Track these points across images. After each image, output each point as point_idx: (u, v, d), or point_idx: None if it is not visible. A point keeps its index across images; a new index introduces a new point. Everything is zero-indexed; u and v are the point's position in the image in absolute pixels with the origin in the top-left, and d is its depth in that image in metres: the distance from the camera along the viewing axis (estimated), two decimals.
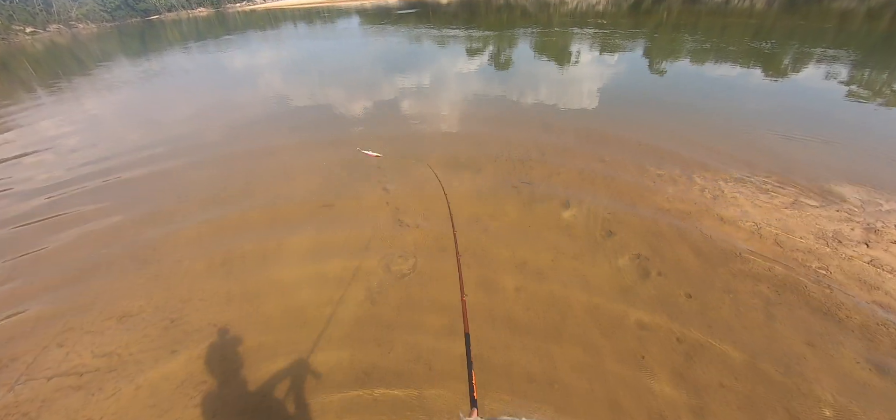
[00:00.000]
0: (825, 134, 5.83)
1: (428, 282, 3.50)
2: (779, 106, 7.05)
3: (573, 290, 3.28)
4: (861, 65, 9.93)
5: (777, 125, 6.19)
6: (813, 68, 9.45)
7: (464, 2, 46.12)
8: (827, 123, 6.20)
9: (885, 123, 6.24)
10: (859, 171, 4.79)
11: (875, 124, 6.20)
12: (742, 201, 4.28)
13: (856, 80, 8.78)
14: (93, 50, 31.64)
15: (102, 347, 3.26)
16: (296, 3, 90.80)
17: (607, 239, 3.83)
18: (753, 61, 10.47)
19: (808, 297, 3.11)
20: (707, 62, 10.76)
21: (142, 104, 11.07)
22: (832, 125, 6.13)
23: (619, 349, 2.80)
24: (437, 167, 5.49)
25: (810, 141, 5.62)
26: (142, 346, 3.23)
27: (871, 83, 8.50)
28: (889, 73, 9.19)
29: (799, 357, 2.67)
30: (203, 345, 3.14)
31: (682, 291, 3.21)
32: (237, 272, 3.89)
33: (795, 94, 7.64)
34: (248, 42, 24.71)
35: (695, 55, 11.80)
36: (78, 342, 3.33)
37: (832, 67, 9.47)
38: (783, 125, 6.18)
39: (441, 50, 15.76)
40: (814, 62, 9.98)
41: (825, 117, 6.45)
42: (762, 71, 9.56)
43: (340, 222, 4.47)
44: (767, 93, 7.85)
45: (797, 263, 3.42)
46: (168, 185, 5.80)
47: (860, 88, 8.11)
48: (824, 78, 8.70)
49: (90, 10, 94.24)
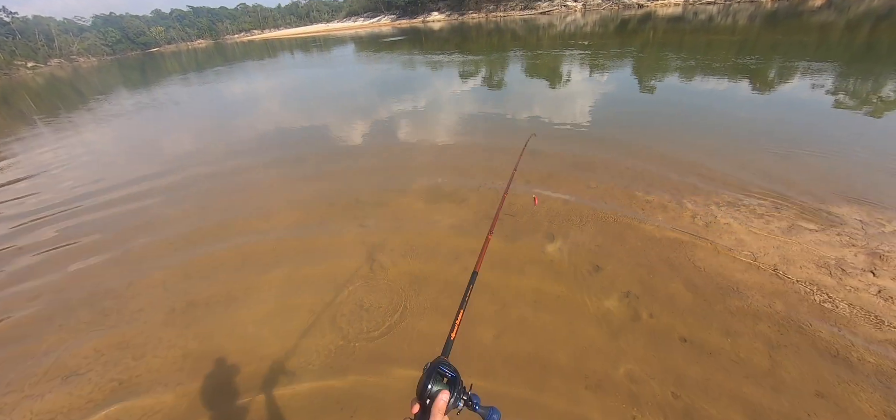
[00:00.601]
0: (816, 148, 5.65)
1: (402, 333, 3.21)
2: (767, 121, 6.90)
3: (557, 338, 3.00)
4: (845, 76, 9.89)
5: (767, 142, 6.02)
6: (799, 82, 9.39)
7: (455, 27, 47.06)
8: (817, 137, 6.04)
9: (876, 134, 6.08)
10: (856, 189, 4.58)
11: (866, 135, 6.04)
12: (736, 228, 4.03)
13: (842, 90, 8.69)
14: (92, 82, 31.92)
15: (41, 414, 2.95)
16: (292, 33, 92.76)
17: (594, 275, 3.57)
18: (739, 77, 10.43)
19: (815, 337, 2.83)
20: (693, 79, 10.71)
21: (126, 138, 10.94)
22: (823, 139, 5.96)
23: (608, 407, 2.50)
24: (419, 199, 5.27)
25: (802, 157, 5.43)
26: (83, 412, 2.92)
27: (857, 93, 8.41)
28: (873, 81, 9.13)
29: (810, 413, 2.38)
30: (147, 412, 2.83)
31: (677, 335, 2.93)
32: (198, 323, 3.60)
33: (783, 109, 7.52)
34: (243, 73, 24.90)
35: (681, 72, 11.78)
36: (15, 409, 3.02)
37: (818, 79, 9.41)
38: (773, 141, 6.01)
39: (432, 75, 15.82)
40: (799, 75, 9.93)
41: (815, 131, 6.29)
42: (748, 86, 9.49)
43: (314, 263, 4.20)
44: (755, 108, 7.73)
45: (799, 298, 3.15)
46: (141, 223, 5.55)
47: (847, 99, 8.01)
48: (811, 90, 8.62)
49: (91, 44, 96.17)
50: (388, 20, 77.95)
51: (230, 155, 8.01)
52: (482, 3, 61.80)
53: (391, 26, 68.51)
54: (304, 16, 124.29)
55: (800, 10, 32.29)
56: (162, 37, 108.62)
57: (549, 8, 54.87)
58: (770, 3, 40.01)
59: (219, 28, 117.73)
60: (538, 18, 48.56)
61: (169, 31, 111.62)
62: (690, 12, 38.23)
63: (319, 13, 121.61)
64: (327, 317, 3.43)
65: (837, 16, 25.94)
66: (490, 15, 60.41)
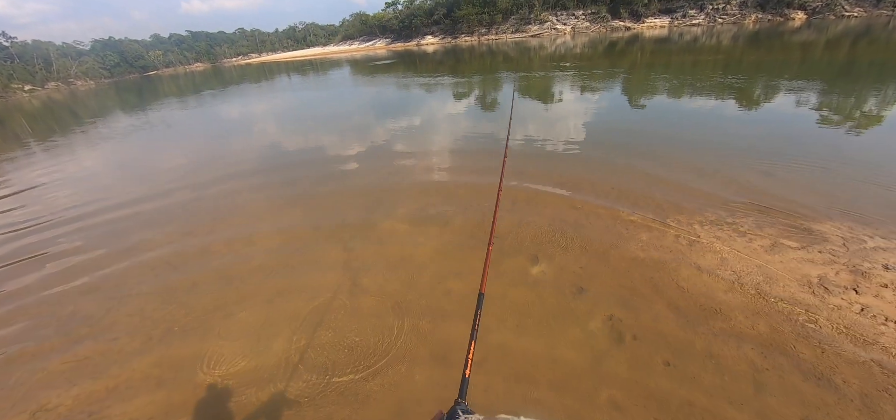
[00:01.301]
0: (797, 165, 5.73)
1: (387, 369, 3.14)
2: (750, 138, 7.01)
3: (540, 363, 2.93)
4: (826, 92, 10.12)
5: (750, 159, 6.10)
6: (781, 99, 9.59)
7: (449, 49, 47.98)
8: (798, 154, 6.12)
9: (856, 150, 6.19)
10: (838, 205, 4.61)
11: (846, 151, 6.14)
12: (719, 247, 4.03)
13: (824, 107, 8.88)
14: (88, 105, 31.97)
15: None
16: (289, 57, 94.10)
17: (578, 297, 3.53)
18: (723, 95, 10.64)
19: (799, 359, 2.79)
20: (679, 98, 10.92)
21: (113, 160, 10.89)
22: (803, 155, 6.05)
23: None
24: (404, 222, 5.24)
25: (784, 173, 5.49)
26: None
27: (838, 109, 8.60)
28: (855, 97, 9.35)
29: None
30: None
31: (660, 358, 2.88)
32: (175, 352, 3.50)
33: (765, 126, 7.65)
34: (237, 95, 25.09)
35: (666, 92, 12.01)
36: None
37: (800, 97, 9.62)
38: (756, 158, 6.09)
39: (426, 96, 16.01)
40: (782, 93, 10.15)
41: (796, 147, 6.38)
42: (732, 104, 9.68)
43: (296, 290, 4.13)
44: (738, 126, 7.86)
45: (783, 318, 3.12)
46: (123, 247, 5.46)
47: (829, 115, 8.17)
48: (793, 107, 8.80)
49: (89, 67, 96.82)
50: (383, 44, 79.37)
51: (217, 178, 7.97)
52: (474, 27, 63.20)
53: (386, 49, 69.74)
54: (300, 40, 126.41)
55: (780, 30, 33.37)
56: (160, 60, 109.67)
57: (540, 31, 56.19)
58: (752, 24, 41.36)
59: (216, 52, 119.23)
60: (529, 41, 49.66)
61: (167, 55, 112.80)
62: (676, 33, 39.34)
63: (316, 37, 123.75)
64: (308, 348, 3.35)
65: (817, 35, 26.80)
66: (482, 38, 61.73)
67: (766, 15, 43.37)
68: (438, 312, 3.52)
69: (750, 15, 44.21)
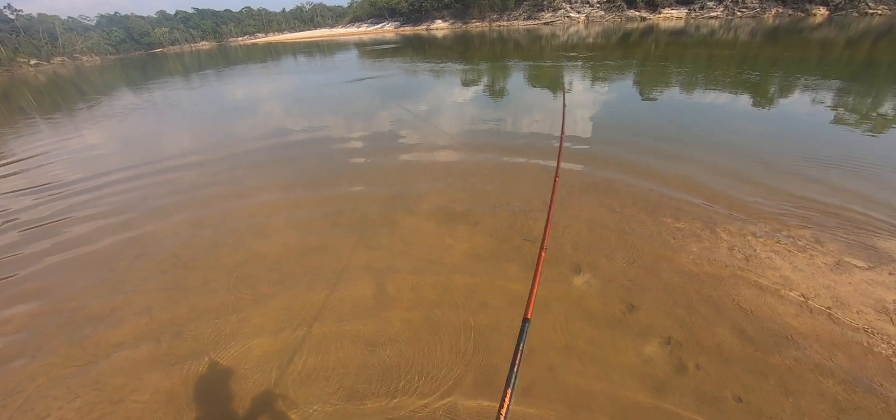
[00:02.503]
0: (848, 173, 5.33)
1: (415, 378, 2.86)
2: (790, 142, 6.60)
3: (593, 392, 2.64)
4: (863, 94, 9.62)
5: (793, 163, 5.72)
6: (817, 97, 9.11)
7: (459, 35, 47.03)
8: (847, 161, 5.71)
9: None
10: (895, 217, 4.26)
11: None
12: (779, 263, 3.70)
13: (860, 109, 8.43)
14: (94, 81, 31.61)
15: None
16: (296, 37, 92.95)
17: (629, 315, 3.22)
18: (751, 92, 10.17)
19: (888, 401, 2.49)
20: (703, 95, 10.44)
21: (116, 141, 10.58)
22: (853, 162, 5.65)
23: None
24: (429, 219, 4.93)
25: (834, 181, 5.11)
26: None
27: (882, 113, 8.13)
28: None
29: None
30: None
31: (730, 392, 2.58)
32: (185, 361, 3.23)
33: (806, 129, 7.22)
34: (245, 74, 24.65)
35: (689, 88, 11.53)
36: None
37: (833, 98, 9.14)
38: (801, 163, 5.70)
39: (436, 82, 15.56)
40: (820, 91, 9.66)
41: (842, 152, 5.97)
42: (761, 103, 9.22)
43: (316, 291, 3.84)
44: (772, 127, 7.44)
45: (863, 350, 2.80)
46: (128, 238, 5.19)
47: (870, 119, 7.72)
48: (828, 110, 8.34)
49: (95, 43, 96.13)
50: (392, 27, 78.08)
51: (226, 166, 7.66)
52: (486, 12, 61.93)
53: (394, 32, 68.62)
54: (307, 20, 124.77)
55: (801, 26, 32.33)
56: (166, 38, 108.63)
57: (553, 18, 54.96)
58: (771, 19, 40.17)
59: (223, 30, 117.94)
60: (541, 28, 48.60)
61: (173, 32, 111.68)
62: (692, 26, 38.27)
63: (323, 18, 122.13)
64: (332, 364, 3.07)
65: (839, 32, 25.91)
66: (494, 24, 60.53)
67: (786, 9, 42.13)
68: (477, 331, 3.22)
69: (770, 9, 42.96)
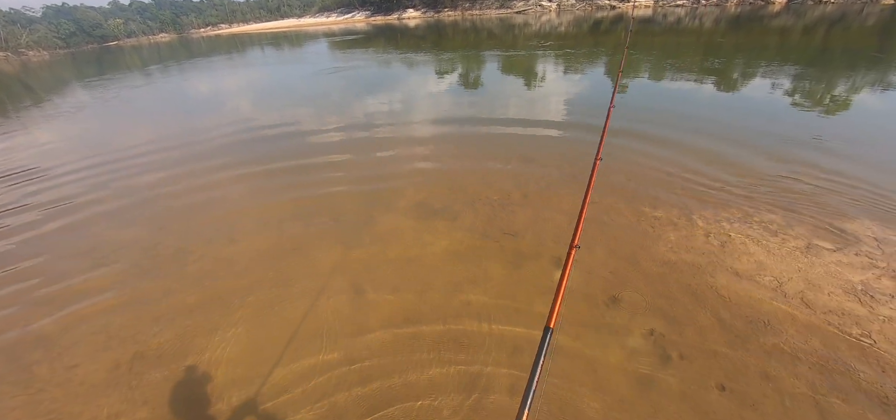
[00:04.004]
0: (815, 155, 5.53)
1: (392, 390, 2.74)
2: (756, 124, 6.80)
3: (583, 388, 2.60)
4: (820, 78, 10.08)
5: (761, 148, 5.88)
6: (780, 82, 9.47)
7: (432, 24, 46.47)
8: (814, 143, 5.94)
9: (869, 140, 6.03)
10: (862, 199, 4.43)
11: (861, 141, 6.00)
12: (753, 248, 3.78)
13: (819, 92, 8.83)
14: (43, 78, 29.30)
15: None
16: (262, 28, 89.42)
17: (612, 308, 3.21)
18: (719, 78, 10.47)
19: (859, 380, 2.56)
20: (675, 82, 10.67)
21: (70, 140, 9.82)
22: (820, 144, 5.87)
23: None
24: (407, 215, 4.78)
25: (799, 163, 5.29)
26: None
27: (822, 95, 8.54)
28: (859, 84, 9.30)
29: None
30: None
31: (714, 381, 2.59)
32: (147, 383, 2.98)
33: (766, 111, 7.48)
34: (209, 68, 23.45)
35: (660, 75, 11.77)
36: None
37: (797, 82, 9.54)
38: (766, 146, 5.88)
39: (410, 73, 15.26)
40: (780, 77, 10.04)
41: (808, 134, 6.20)
42: (730, 89, 9.50)
43: (288, 300, 3.64)
44: (740, 111, 7.66)
45: (835, 332, 2.88)
46: (84, 247, 4.79)
47: (832, 103, 8.09)
48: (790, 93, 8.68)
49: (42, 36, 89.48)
50: (363, 16, 76.21)
51: (190, 165, 7.22)
52: (458, 1, 61.40)
53: (365, 22, 67.06)
54: (274, 10, 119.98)
55: (761, 13, 33.70)
56: (121, 30, 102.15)
57: (525, 7, 55.08)
58: (734, 7, 41.65)
59: (183, 21, 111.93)
60: (514, 17, 48.62)
61: (128, 24, 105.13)
62: (660, 14, 39.24)
63: (290, 8, 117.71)
64: (305, 382, 2.90)
65: (795, 19, 27.17)
66: (466, 12, 60.10)
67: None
68: (459, 329, 3.12)
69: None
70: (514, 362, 2.80)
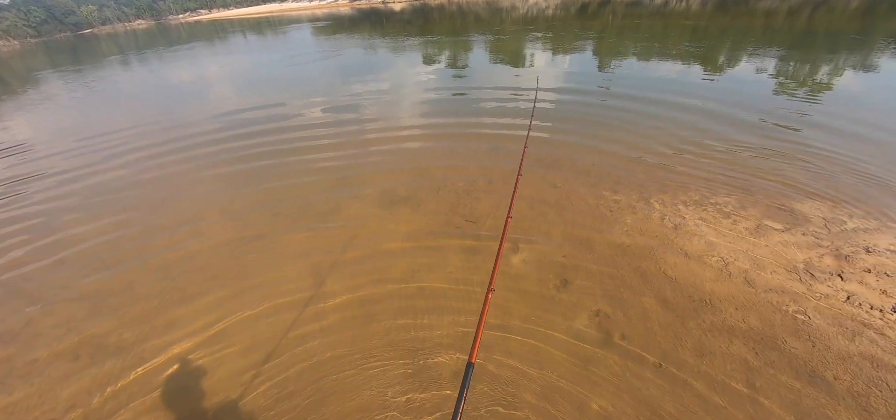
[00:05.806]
0: (772, 136, 5.66)
1: (345, 387, 2.77)
2: (724, 109, 6.90)
3: (525, 373, 2.66)
4: (799, 59, 10.21)
5: (725, 132, 5.98)
6: (750, 65, 9.58)
7: (418, 8, 45.70)
8: (772, 124, 6.06)
9: (826, 121, 6.16)
10: (815, 180, 4.56)
11: (817, 120, 6.14)
12: (705, 230, 3.87)
13: (790, 74, 8.96)
14: (15, 68, 28.22)
15: None
16: (243, 14, 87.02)
17: (563, 291, 3.27)
18: (695, 62, 10.54)
19: (790, 355, 2.67)
20: (653, 65, 10.72)
21: (34, 131, 9.53)
22: (777, 125, 5.99)
23: None
24: (372, 203, 4.78)
25: (760, 147, 5.40)
26: None
27: (803, 78, 8.67)
28: (827, 64, 9.45)
29: None
30: None
31: (651, 359, 2.68)
32: (106, 375, 2.97)
33: (739, 97, 7.57)
34: (190, 57, 22.81)
35: (641, 56, 11.80)
36: None
37: (770, 64, 9.65)
38: (731, 130, 5.98)
39: (394, 58, 15.05)
40: (752, 60, 10.15)
41: (769, 117, 6.31)
42: (703, 71, 9.58)
43: (251, 292, 3.64)
44: (711, 96, 7.74)
45: (772, 309, 2.99)
46: (48, 241, 4.70)
47: (793, 83, 8.23)
48: (765, 78, 8.79)
49: (11, 24, 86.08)
50: (347, 0, 74.65)
51: (157, 154, 7.09)
52: None
53: (350, 6, 65.70)
54: None
55: None
56: (95, 17, 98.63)
57: None
58: None
59: (160, 7, 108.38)
60: (501, 1, 48.02)
61: (103, 11, 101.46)
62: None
63: None
64: (264, 368, 2.92)
65: (780, 3, 27.34)
66: None
67: None
68: (412, 317, 3.16)
69: None
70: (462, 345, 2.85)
